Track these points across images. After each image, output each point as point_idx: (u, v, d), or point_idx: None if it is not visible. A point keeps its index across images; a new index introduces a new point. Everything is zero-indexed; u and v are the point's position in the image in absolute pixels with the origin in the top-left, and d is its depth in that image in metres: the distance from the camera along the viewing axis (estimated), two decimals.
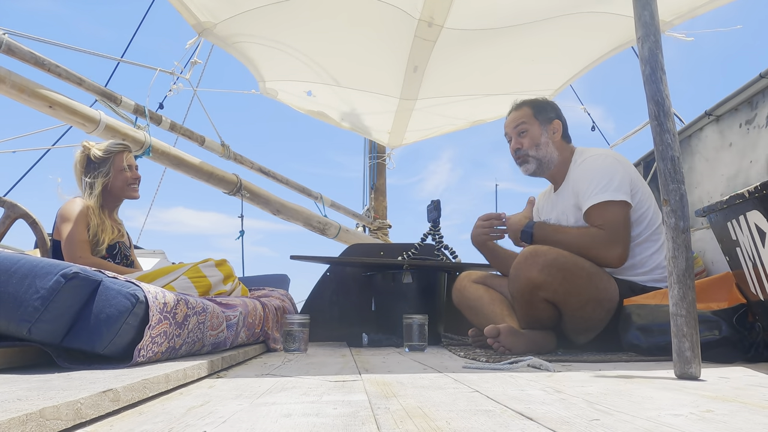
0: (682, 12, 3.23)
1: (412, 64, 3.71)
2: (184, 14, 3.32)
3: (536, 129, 2.39)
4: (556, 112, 2.44)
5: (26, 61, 2.95)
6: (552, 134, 2.40)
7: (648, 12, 1.41)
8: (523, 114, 2.43)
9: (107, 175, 2.55)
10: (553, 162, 2.40)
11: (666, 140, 1.35)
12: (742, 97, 2.52)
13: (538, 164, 2.40)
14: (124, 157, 2.60)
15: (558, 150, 2.40)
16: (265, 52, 3.78)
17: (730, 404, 0.93)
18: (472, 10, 3.24)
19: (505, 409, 0.90)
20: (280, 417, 0.85)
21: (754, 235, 1.55)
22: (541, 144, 2.39)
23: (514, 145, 2.43)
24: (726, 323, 1.71)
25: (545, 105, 2.46)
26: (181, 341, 1.57)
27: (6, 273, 1.35)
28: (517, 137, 2.43)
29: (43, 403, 0.75)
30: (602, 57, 3.76)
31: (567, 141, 2.44)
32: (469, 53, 3.64)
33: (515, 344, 2.08)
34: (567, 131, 2.45)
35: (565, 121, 2.45)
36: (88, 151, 2.56)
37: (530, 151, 2.39)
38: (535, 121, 2.40)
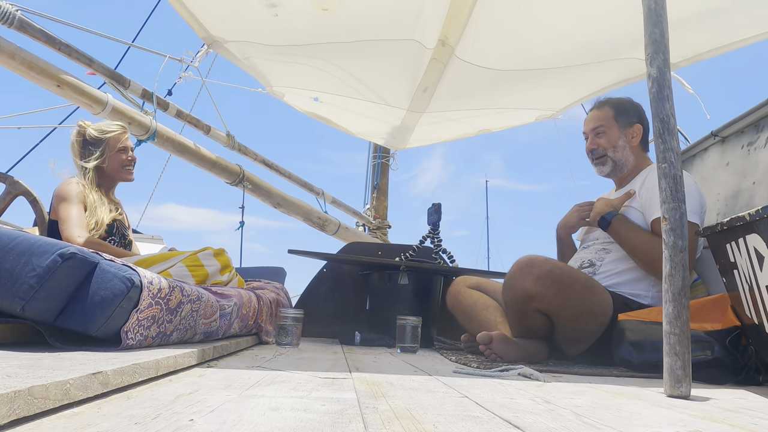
0: (687, 56, 3.25)
1: (423, 86, 3.72)
2: (194, 27, 3.32)
3: (615, 131, 2.36)
4: (639, 116, 2.38)
5: (37, 38, 2.95)
6: (630, 138, 2.36)
7: (659, 30, 1.41)
8: (603, 114, 2.40)
9: (102, 156, 2.54)
10: (627, 165, 2.38)
11: (669, 158, 1.35)
12: (748, 120, 2.51)
13: (614, 166, 2.38)
14: (120, 138, 2.59)
15: (634, 155, 2.37)
16: (274, 66, 3.80)
17: (718, 425, 0.93)
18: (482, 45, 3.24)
19: (493, 417, 0.90)
20: (267, 410, 0.85)
21: (753, 258, 1.55)
22: (618, 147, 2.36)
23: (590, 145, 2.42)
24: (719, 344, 1.71)
25: (628, 107, 2.40)
26: (172, 327, 1.57)
27: (3, 249, 1.35)
28: (594, 137, 2.41)
29: (32, 381, 0.75)
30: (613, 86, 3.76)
31: (644, 149, 2.40)
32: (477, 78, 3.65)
33: (507, 352, 2.08)
34: (647, 138, 2.39)
35: (647, 126, 2.37)
36: (83, 130, 2.55)
37: (608, 152, 2.37)
38: (615, 123, 2.37)
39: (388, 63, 3.58)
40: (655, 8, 1.42)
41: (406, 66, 3.56)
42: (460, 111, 4.23)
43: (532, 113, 4.27)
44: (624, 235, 2.19)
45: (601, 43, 3.32)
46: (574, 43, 3.29)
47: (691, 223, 2.08)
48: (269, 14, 3.06)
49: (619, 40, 3.26)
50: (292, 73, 3.86)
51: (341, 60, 3.63)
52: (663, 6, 1.43)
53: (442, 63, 3.43)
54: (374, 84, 3.92)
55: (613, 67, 3.51)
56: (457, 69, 3.49)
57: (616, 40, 3.26)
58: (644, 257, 2.14)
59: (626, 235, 2.18)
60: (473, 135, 4.83)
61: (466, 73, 3.55)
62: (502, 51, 3.37)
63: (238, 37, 3.42)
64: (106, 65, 3.35)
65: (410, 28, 3.19)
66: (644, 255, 2.13)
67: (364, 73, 3.78)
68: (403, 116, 4.32)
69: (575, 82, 3.72)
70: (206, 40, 3.44)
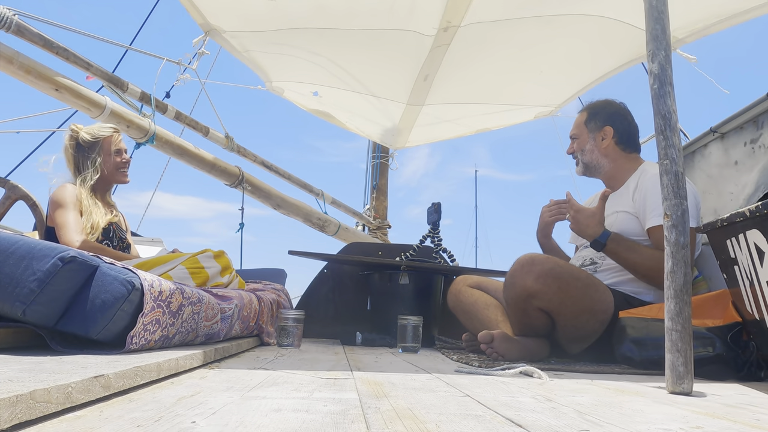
0: (696, 29, 3.20)
1: (423, 73, 3.71)
2: (192, 13, 3.32)
3: (584, 135, 2.47)
4: (610, 119, 2.43)
5: (35, 42, 2.95)
6: (600, 140, 2.42)
7: (660, 26, 1.41)
8: (578, 120, 2.53)
9: (97, 159, 2.53)
10: (601, 167, 2.43)
11: (671, 155, 1.35)
12: (747, 115, 2.51)
13: (585, 168, 2.49)
14: (113, 140, 2.58)
15: (607, 156, 2.42)
16: (273, 57, 3.78)
17: (720, 421, 0.93)
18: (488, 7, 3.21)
19: (495, 415, 0.90)
20: (270, 411, 0.85)
21: (753, 254, 1.55)
22: (586, 150, 2.46)
23: (568, 150, 2.56)
24: (720, 340, 1.71)
25: (600, 111, 2.47)
26: (174, 330, 1.57)
27: (3, 254, 1.35)
28: (571, 142, 2.54)
29: (34, 385, 0.75)
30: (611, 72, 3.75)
31: (626, 148, 2.41)
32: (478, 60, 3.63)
33: (508, 351, 2.08)
34: (627, 138, 2.42)
35: (624, 128, 2.42)
36: (76, 134, 2.54)
37: (578, 155, 2.49)
38: (585, 128, 2.48)
39: (388, 52, 3.57)
40: (657, 4, 1.42)
41: (407, 53, 3.54)
42: (458, 104, 4.22)
43: (531, 110, 4.27)
44: (623, 255, 2.15)
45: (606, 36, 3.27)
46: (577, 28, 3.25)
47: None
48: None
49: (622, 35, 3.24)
50: (290, 64, 3.84)
51: (340, 49, 3.62)
52: (664, 2, 1.43)
53: (444, 45, 3.41)
54: (374, 73, 3.90)
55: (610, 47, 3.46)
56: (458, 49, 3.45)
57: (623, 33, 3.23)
58: (648, 273, 2.12)
59: (625, 255, 2.15)
60: (472, 134, 4.83)
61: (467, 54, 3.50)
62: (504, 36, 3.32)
63: (235, 22, 3.40)
64: (104, 68, 3.34)
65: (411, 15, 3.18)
66: (647, 271, 2.11)
67: (364, 61, 3.76)
68: (402, 111, 4.31)
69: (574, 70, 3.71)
70: (204, 27, 3.42)
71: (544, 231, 2.54)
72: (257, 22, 3.36)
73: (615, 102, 2.51)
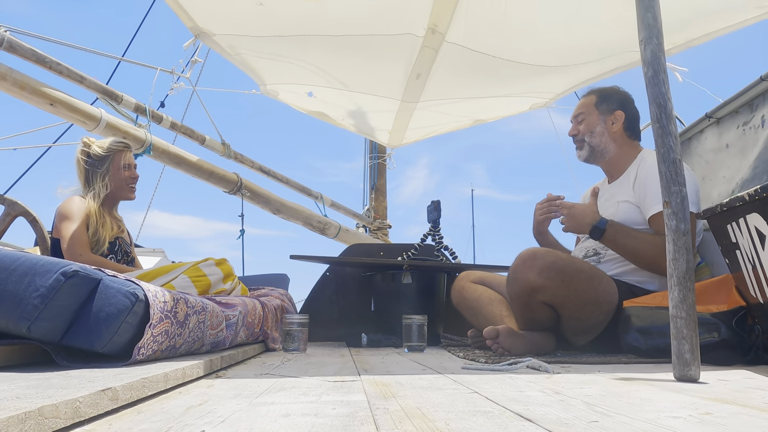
0: (678, 43, 3.26)
1: (416, 72, 3.72)
2: (182, 16, 3.32)
3: (594, 117, 2.40)
4: (622, 104, 2.40)
5: (27, 58, 2.96)
6: (611, 124, 2.38)
7: (651, 14, 1.41)
8: (586, 101, 2.46)
9: (106, 173, 2.54)
10: (607, 152, 2.39)
11: (668, 143, 1.35)
12: (742, 99, 2.52)
13: (591, 151, 2.41)
14: (124, 156, 2.59)
15: (615, 141, 2.38)
16: (265, 60, 3.79)
17: (729, 406, 0.93)
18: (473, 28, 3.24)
19: (503, 411, 0.90)
20: (278, 417, 0.85)
21: (754, 237, 1.55)
22: (596, 132, 2.39)
23: (571, 131, 2.47)
24: (725, 326, 1.71)
25: (611, 95, 2.43)
26: (182, 340, 1.57)
27: (6, 271, 1.35)
28: (575, 123, 2.46)
29: (41, 401, 0.75)
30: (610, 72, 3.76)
31: (631, 135, 2.40)
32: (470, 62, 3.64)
33: (514, 345, 2.08)
34: (634, 125, 2.41)
35: (633, 114, 2.41)
36: (88, 147, 2.55)
37: (585, 137, 2.41)
38: (595, 110, 2.41)
39: (379, 54, 3.58)
40: None
41: (398, 54, 3.55)
42: (453, 99, 4.22)
43: (527, 101, 4.27)
44: (622, 242, 2.14)
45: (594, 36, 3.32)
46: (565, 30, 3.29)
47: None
48: (254, 3, 3.06)
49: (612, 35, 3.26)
50: (283, 67, 3.85)
51: (332, 54, 3.63)
52: None
53: (433, 50, 3.43)
54: (367, 75, 3.91)
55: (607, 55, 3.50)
56: (449, 54, 3.48)
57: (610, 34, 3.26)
58: (648, 259, 2.11)
59: (624, 241, 2.14)
60: (468, 126, 4.83)
61: (459, 58, 3.53)
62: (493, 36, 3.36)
63: (225, 28, 3.40)
64: (98, 81, 3.35)
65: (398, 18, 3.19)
66: (648, 257, 2.10)
67: (356, 65, 3.78)
68: (397, 108, 4.31)
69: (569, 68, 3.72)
70: (194, 30, 3.43)
71: (539, 228, 2.51)
72: (247, 28, 3.37)
73: (622, 88, 2.49)
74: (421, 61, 3.57)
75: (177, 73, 3.85)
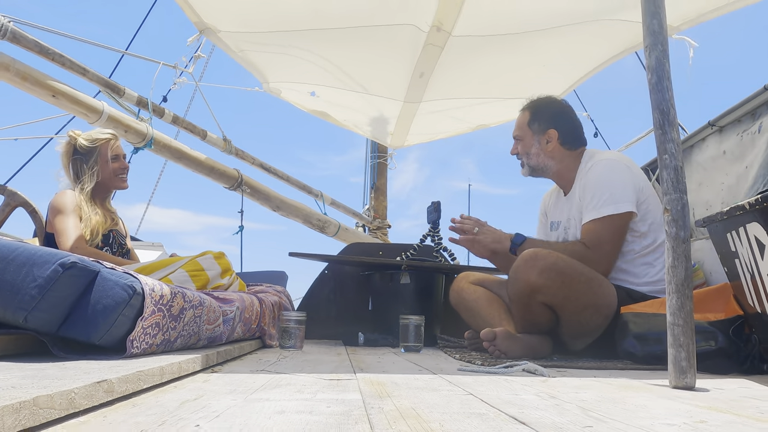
0: (690, 17, 3.22)
1: (419, 70, 3.72)
2: (187, 12, 3.32)
3: (528, 138, 2.42)
4: (554, 120, 2.39)
5: (30, 49, 2.95)
6: (545, 143, 2.39)
7: (657, 21, 1.41)
8: (520, 121, 2.47)
9: (95, 165, 2.53)
10: (547, 170, 2.41)
11: (670, 149, 1.35)
12: (745, 108, 2.51)
13: (531, 170, 2.45)
14: (110, 146, 2.57)
15: (554, 158, 2.39)
16: (269, 57, 3.79)
17: (723, 415, 0.93)
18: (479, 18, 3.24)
19: (498, 413, 0.90)
20: (273, 413, 0.85)
21: (754, 247, 1.55)
22: (532, 153, 2.41)
23: (512, 151, 2.50)
24: (722, 334, 1.71)
25: (543, 112, 2.42)
26: (176, 334, 1.57)
27: (4, 261, 1.35)
28: (515, 143, 2.48)
29: (37, 391, 0.75)
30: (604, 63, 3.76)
31: (570, 147, 2.39)
32: (474, 60, 3.64)
33: (511, 348, 2.07)
34: (572, 138, 2.40)
35: (568, 128, 2.40)
36: (74, 140, 2.53)
37: (523, 158, 2.45)
38: (528, 130, 2.42)
39: (383, 49, 3.57)
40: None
41: (401, 51, 3.55)
42: (456, 100, 4.22)
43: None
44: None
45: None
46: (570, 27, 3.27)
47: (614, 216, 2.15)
48: None
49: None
50: (286, 64, 3.85)
51: (335, 48, 3.63)
52: None
53: (438, 47, 3.42)
54: (370, 71, 3.90)
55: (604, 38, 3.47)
56: (452, 50, 3.47)
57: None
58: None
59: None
60: (471, 131, 4.83)
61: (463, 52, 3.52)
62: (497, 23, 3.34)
63: (230, 23, 3.40)
64: (101, 74, 3.34)
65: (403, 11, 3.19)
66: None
67: (360, 60, 3.77)
68: (399, 109, 4.31)
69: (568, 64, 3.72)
70: (198, 25, 3.42)
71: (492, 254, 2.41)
72: (252, 23, 3.37)
73: (556, 99, 2.50)
74: (424, 59, 3.57)
75: (180, 68, 3.85)
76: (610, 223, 2.16)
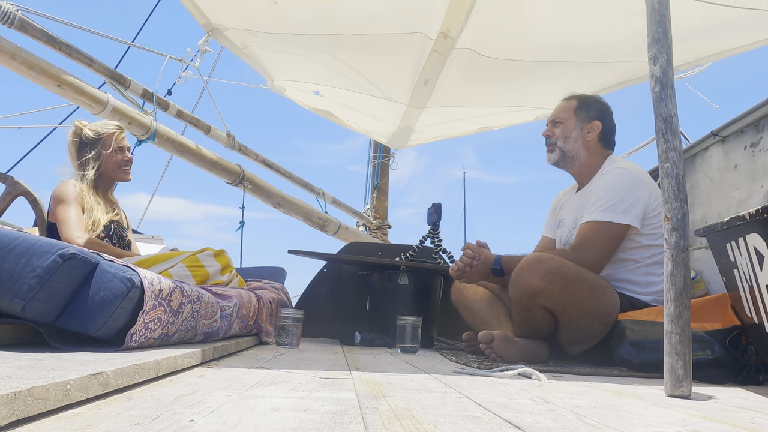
0: (687, 60, 3.28)
1: (424, 78, 3.72)
2: (195, 13, 3.33)
3: (571, 123, 2.42)
4: (601, 114, 2.42)
5: (38, 38, 2.95)
6: (586, 132, 2.39)
7: (662, 29, 1.41)
8: (566, 106, 2.47)
9: (99, 156, 2.54)
10: (578, 159, 2.41)
11: (672, 158, 1.35)
12: (749, 119, 2.51)
13: (562, 156, 2.43)
14: (116, 137, 2.59)
15: (588, 150, 2.40)
16: (275, 56, 3.80)
17: (718, 425, 0.93)
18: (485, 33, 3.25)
19: (493, 416, 0.90)
20: (268, 410, 0.85)
21: (753, 258, 1.55)
22: (570, 138, 2.41)
23: (546, 132, 2.48)
24: (719, 344, 1.71)
25: (591, 103, 2.45)
26: (174, 329, 1.57)
27: (3, 250, 1.35)
28: (552, 126, 2.47)
29: (32, 382, 0.75)
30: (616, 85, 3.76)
31: (605, 145, 2.42)
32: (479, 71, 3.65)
33: (508, 352, 2.07)
34: (609, 137, 2.43)
35: (609, 126, 2.43)
36: (80, 130, 2.55)
37: (558, 141, 2.43)
38: (574, 115, 2.42)
39: (389, 55, 3.58)
40: (659, 8, 1.42)
41: (407, 58, 3.56)
42: (460, 107, 4.22)
43: (533, 111, 4.27)
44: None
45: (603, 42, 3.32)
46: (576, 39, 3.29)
47: (614, 224, 2.16)
48: (268, 1, 3.06)
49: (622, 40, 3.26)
50: (292, 64, 3.85)
51: (342, 52, 3.63)
52: (666, 6, 1.43)
53: (443, 55, 3.43)
54: (375, 76, 3.91)
55: (616, 67, 3.51)
56: (458, 61, 3.49)
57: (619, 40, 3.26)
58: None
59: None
60: (474, 133, 4.84)
61: (467, 65, 3.54)
62: (503, 43, 3.37)
63: (238, 24, 3.41)
64: (107, 65, 3.34)
65: (411, 19, 3.19)
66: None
67: (365, 64, 3.77)
68: (403, 112, 4.31)
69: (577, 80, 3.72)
70: (206, 27, 3.43)
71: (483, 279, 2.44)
72: (260, 25, 3.37)
73: (602, 99, 2.52)
74: (429, 67, 3.58)
75: (186, 62, 3.85)
76: (604, 231, 2.16)
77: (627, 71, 3.54)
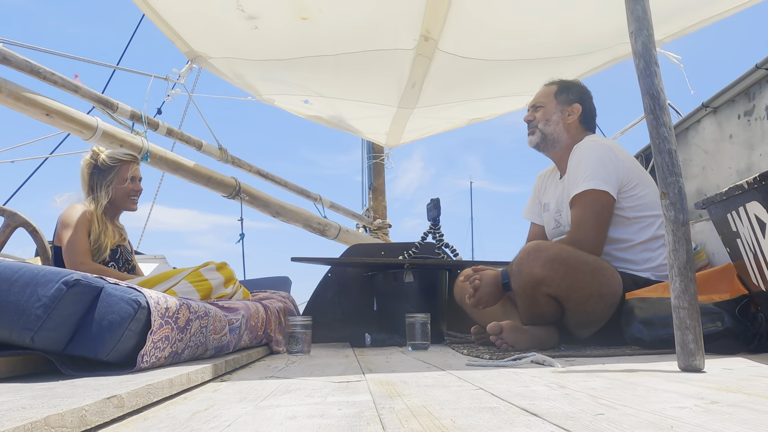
0: (672, 31, 3.28)
1: (411, 82, 3.73)
2: (176, 42, 3.33)
3: (552, 106, 2.44)
4: (581, 97, 2.44)
5: (22, 69, 2.95)
6: (567, 115, 2.41)
7: (640, 6, 1.41)
8: (546, 91, 2.50)
9: (111, 183, 2.56)
10: (559, 142, 2.42)
11: (662, 133, 1.35)
12: (738, 88, 2.52)
13: (542, 138, 2.44)
14: (130, 167, 2.62)
15: (569, 133, 2.41)
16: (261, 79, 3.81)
17: (734, 395, 0.93)
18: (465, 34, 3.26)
19: (509, 406, 0.90)
20: (284, 419, 0.85)
21: (754, 225, 1.55)
22: (551, 121, 2.43)
23: (527, 117, 2.50)
24: (728, 314, 1.71)
25: (571, 87, 2.48)
26: (183, 345, 1.57)
27: (7, 282, 1.35)
28: (533, 110, 2.49)
29: (47, 411, 0.75)
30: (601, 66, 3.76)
31: (586, 128, 2.44)
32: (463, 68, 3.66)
33: (518, 340, 2.07)
34: (590, 120, 2.45)
35: (590, 109, 2.45)
36: (96, 156, 2.59)
37: (539, 124, 2.44)
38: (554, 99, 2.45)
39: (375, 69, 3.60)
40: None
41: (393, 68, 3.57)
42: (449, 104, 4.23)
43: (522, 99, 4.28)
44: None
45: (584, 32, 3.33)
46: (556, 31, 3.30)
47: (597, 191, 2.16)
48: (249, 27, 3.06)
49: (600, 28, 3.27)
50: (278, 84, 3.87)
51: (327, 73, 3.65)
52: None
53: (427, 58, 3.43)
54: (362, 86, 3.93)
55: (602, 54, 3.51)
56: (442, 62, 3.50)
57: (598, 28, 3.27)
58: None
59: None
60: (466, 124, 4.84)
61: (452, 66, 3.55)
62: (484, 41, 3.38)
63: (220, 52, 3.42)
64: (93, 90, 3.34)
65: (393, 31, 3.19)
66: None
67: (352, 82, 3.79)
68: (393, 114, 4.32)
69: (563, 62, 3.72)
70: (189, 55, 3.44)
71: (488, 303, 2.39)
72: (243, 51, 3.39)
73: (582, 83, 2.54)
74: (415, 71, 3.59)
75: (172, 80, 3.85)
76: (592, 201, 2.17)
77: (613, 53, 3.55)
